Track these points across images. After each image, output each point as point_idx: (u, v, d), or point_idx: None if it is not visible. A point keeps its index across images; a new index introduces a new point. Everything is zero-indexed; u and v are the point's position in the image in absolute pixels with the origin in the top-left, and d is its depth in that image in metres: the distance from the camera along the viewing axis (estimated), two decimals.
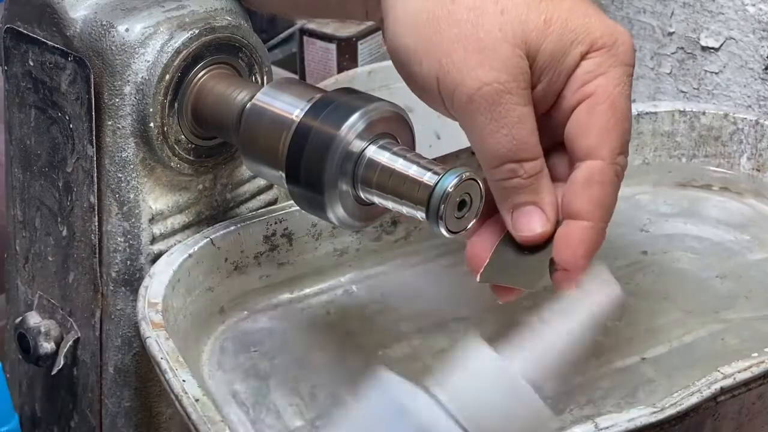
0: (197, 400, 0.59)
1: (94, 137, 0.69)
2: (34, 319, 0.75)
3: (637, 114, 0.82)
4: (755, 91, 0.92)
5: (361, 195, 0.63)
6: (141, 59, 0.68)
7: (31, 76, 0.72)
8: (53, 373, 0.74)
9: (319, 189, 0.62)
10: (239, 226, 0.72)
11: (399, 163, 0.61)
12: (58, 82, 0.70)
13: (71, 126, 0.70)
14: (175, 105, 0.69)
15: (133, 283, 0.71)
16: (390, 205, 0.62)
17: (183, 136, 0.70)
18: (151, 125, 0.68)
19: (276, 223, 0.74)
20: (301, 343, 0.72)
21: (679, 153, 0.84)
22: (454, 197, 0.60)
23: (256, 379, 0.69)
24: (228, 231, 0.72)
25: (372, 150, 0.62)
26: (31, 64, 0.72)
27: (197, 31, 0.68)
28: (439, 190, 0.60)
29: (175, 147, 0.70)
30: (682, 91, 0.97)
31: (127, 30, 0.68)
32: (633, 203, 0.82)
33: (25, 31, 0.71)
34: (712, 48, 0.94)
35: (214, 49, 0.70)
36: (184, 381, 0.61)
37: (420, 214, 0.61)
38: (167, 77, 0.68)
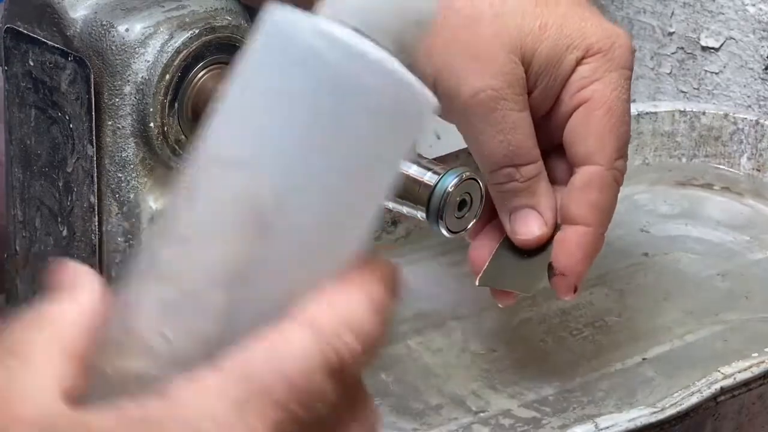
0: None
1: (94, 137, 0.69)
2: None
3: (637, 114, 0.82)
4: (755, 91, 0.92)
5: None
6: (141, 59, 0.68)
7: (31, 76, 0.72)
8: None
9: None
10: None
11: None
12: (58, 82, 0.70)
13: (71, 126, 0.70)
14: (176, 105, 0.69)
15: None
16: (390, 204, 0.62)
17: (183, 136, 0.70)
18: (152, 125, 0.68)
19: None
20: None
21: (680, 153, 0.84)
22: (454, 197, 0.60)
23: None
24: None
25: None
26: (31, 63, 0.72)
27: (197, 30, 0.68)
28: (440, 189, 0.60)
29: (176, 147, 0.70)
30: (682, 91, 0.97)
31: (127, 30, 0.68)
32: (633, 203, 0.82)
33: (25, 31, 0.71)
34: (713, 48, 0.94)
35: (215, 49, 0.70)
36: None
37: (420, 214, 0.61)
38: (167, 77, 0.68)
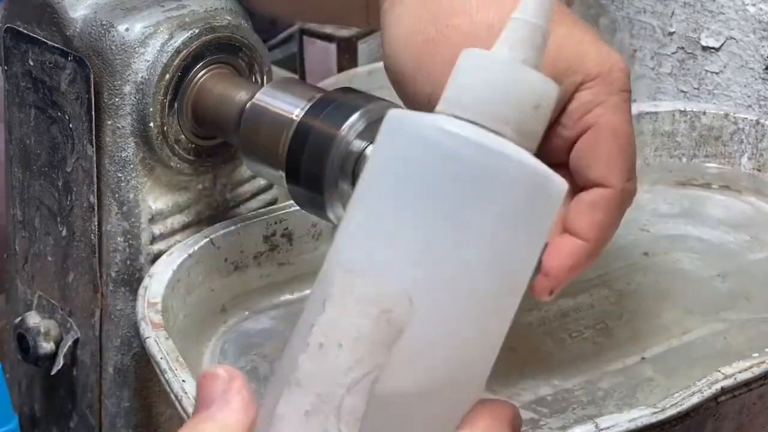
0: (197, 401, 0.59)
1: (94, 137, 0.69)
2: (33, 319, 0.75)
3: (638, 114, 0.82)
4: (756, 90, 0.92)
5: None
6: (141, 59, 0.68)
7: (31, 76, 0.72)
8: (53, 374, 0.74)
9: (319, 189, 0.62)
10: (239, 226, 0.72)
11: None
12: (58, 82, 0.70)
13: (71, 125, 0.70)
14: (175, 105, 0.69)
15: (133, 283, 0.71)
16: None
17: (183, 136, 0.70)
18: (151, 125, 0.68)
19: (276, 223, 0.73)
20: None
21: (680, 153, 0.84)
22: None
23: (257, 382, 0.69)
24: (228, 231, 0.72)
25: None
26: (31, 63, 0.72)
27: (197, 30, 0.68)
28: None
29: (175, 147, 0.70)
30: (683, 91, 0.97)
31: (127, 29, 0.68)
32: (633, 203, 0.81)
33: (25, 30, 0.71)
34: (713, 48, 0.94)
35: (214, 49, 0.70)
36: (183, 381, 0.61)
37: None
38: (167, 77, 0.68)
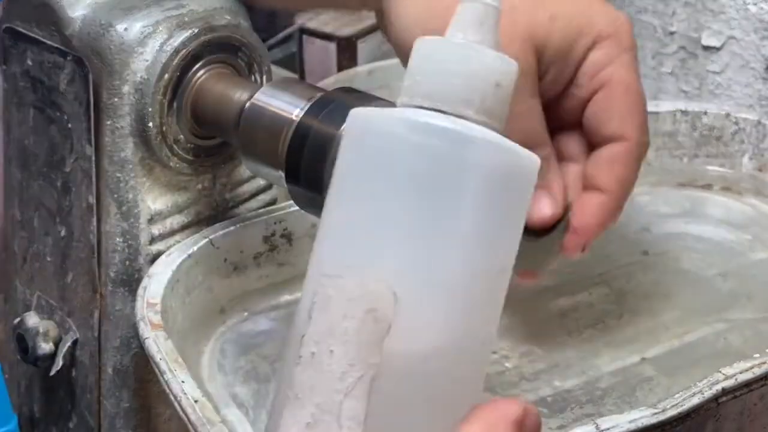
0: (196, 401, 0.59)
1: (93, 137, 0.69)
2: (32, 319, 0.75)
3: None
4: (757, 90, 0.92)
5: None
6: (140, 58, 0.68)
7: (30, 76, 0.72)
8: (52, 374, 0.74)
9: (318, 189, 0.62)
10: (238, 226, 0.72)
11: None
12: (57, 82, 0.70)
13: (70, 125, 0.70)
14: (174, 104, 0.69)
15: (132, 284, 0.71)
16: None
17: (182, 136, 0.70)
18: (150, 125, 0.68)
19: (275, 223, 0.73)
20: None
21: (681, 153, 0.84)
22: None
23: (257, 382, 0.69)
24: (227, 231, 0.72)
25: None
26: (30, 63, 0.71)
27: (196, 30, 0.68)
28: None
29: (174, 147, 0.70)
30: (684, 91, 0.97)
31: (125, 29, 0.68)
32: (634, 203, 0.82)
33: (23, 30, 0.71)
34: (714, 47, 0.94)
35: (214, 49, 0.69)
36: (182, 382, 0.60)
37: None
38: (166, 77, 0.68)
